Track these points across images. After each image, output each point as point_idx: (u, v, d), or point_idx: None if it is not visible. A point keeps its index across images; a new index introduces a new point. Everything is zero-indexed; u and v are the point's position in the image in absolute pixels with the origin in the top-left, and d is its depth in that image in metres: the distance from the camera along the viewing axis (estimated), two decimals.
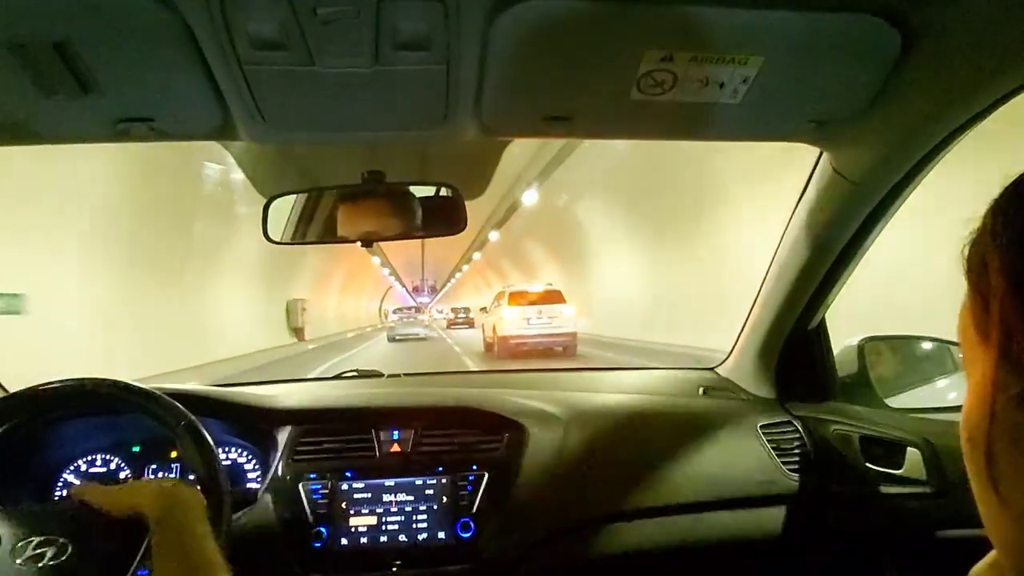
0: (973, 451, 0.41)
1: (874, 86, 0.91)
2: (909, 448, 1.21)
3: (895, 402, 1.44)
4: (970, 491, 0.42)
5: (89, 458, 1.34)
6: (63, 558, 0.81)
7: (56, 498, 1.30)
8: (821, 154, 1.18)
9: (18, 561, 0.80)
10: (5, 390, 1.36)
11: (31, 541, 0.82)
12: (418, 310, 28.65)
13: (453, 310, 40.28)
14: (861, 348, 1.49)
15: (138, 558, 0.82)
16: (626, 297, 17.34)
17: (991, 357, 0.39)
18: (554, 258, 23.52)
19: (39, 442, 1.27)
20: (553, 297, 14.90)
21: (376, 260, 31.72)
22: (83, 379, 1.03)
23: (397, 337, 22.92)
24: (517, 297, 14.98)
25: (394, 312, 27.43)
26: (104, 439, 1.34)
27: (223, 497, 0.96)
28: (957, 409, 0.43)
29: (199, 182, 12.09)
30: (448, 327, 35.14)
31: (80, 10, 0.71)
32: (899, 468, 1.22)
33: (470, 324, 30.11)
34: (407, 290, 63.05)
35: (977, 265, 0.41)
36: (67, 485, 1.31)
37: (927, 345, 1.57)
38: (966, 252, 0.42)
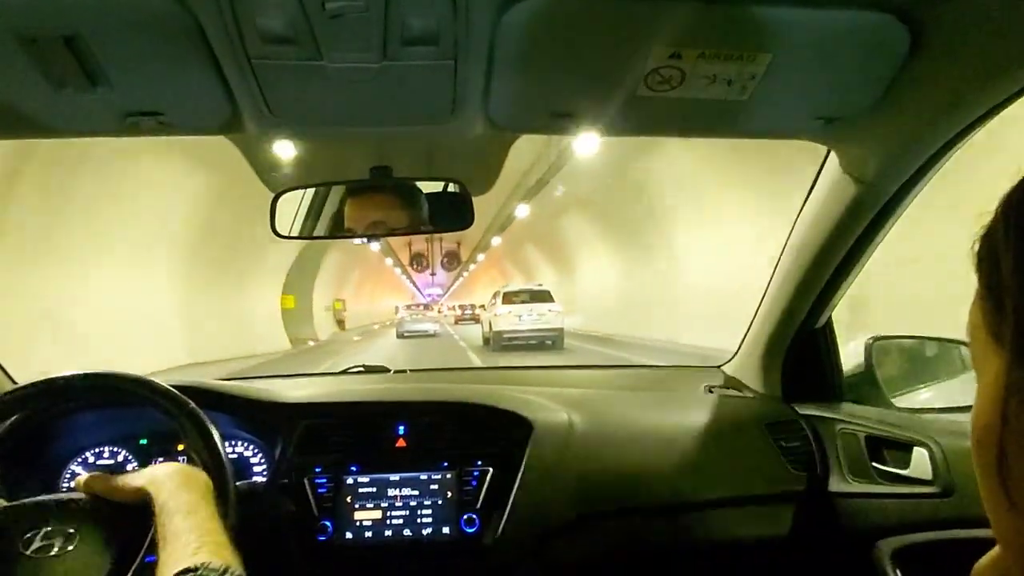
0: (983, 454, 0.40)
1: (883, 83, 0.90)
2: (916, 448, 1.20)
3: (902, 402, 1.44)
4: (977, 491, 0.42)
5: (96, 450, 1.35)
6: (71, 547, 0.82)
7: (64, 489, 1.31)
8: (829, 152, 1.18)
9: (27, 551, 0.81)
10: (14, 382, 1.37)
11: (39, 531, 0.82)
12: (427, 307, 28.79)
13: (460, 307, 41.97)
14: (868, 347, 1.48)
15: (145, 545, 0.82)
16: (602, 296, 20.65)
17: (1004, 358, 0.38)
18: (546, 262, 28.25)
19: (47, 434, 1.28)
20: (542, 296, 16.68)
21: (388, 261, 34.25)
22: (89, 372, 1.04)
23: (406, 333, 22.94)
24: (510, 296, 16.77)
25: (404, 308, 27.53)
26: (111, 431, 1.35)
27: (228, 486, 0.97)
28: (964, 409, 0.43)
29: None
30: (456, 323, 36.46)
31: (90, 4, 0.72)
32: (905, 468, 1.22)
33: (476, 319, 30.73)
34: (409, 279, 52.09)
35: (989, 262, 0.40)
36: (75, 476, 1.32)
37: (934, 345, 1.57)
38: (976, 247, 0.41)
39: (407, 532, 1.27)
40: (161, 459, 1.35)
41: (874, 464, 1.29)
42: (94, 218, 9.81)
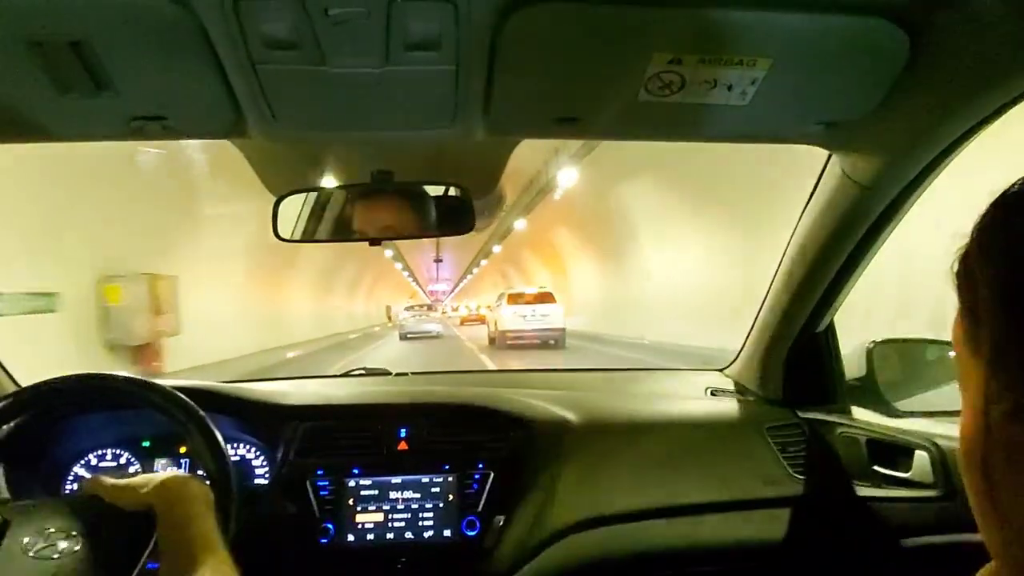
0: (969, 465, 0.41)
1: (883, 88, 0.91)
2: (917, 451, 1.20)
3: (903, 406, 1.43)
4: None
5: (100, 452, 1.35)
6: (74, 550, 0.82)
7: (67, 491, 1.31)
8: (830, 157, 1.18)
9: (30, 553, 0.81)
10: (17, 384, 1.37)
11: (43, 533, 0.83)
12: (430, 307, 28.21)
13: (467, 307, 41.67)
14: (870, 351, 1.48)
15: (148, 551, 0.83)
16: (587, 300, 23.41)
17: (982, 371, 0.40)
18: (542, 268, 30.16)
19: (51, 436, 1.29)
20: (545, 298, 17.45)
21: (398, 265, 31.69)
22: (94, 374, 1.04)
23: (409, 335, 22.88)
24: (515, 297, 17.60)
25: (406, 309, 27.10)
26: (114, 434, 1.36)
27: (232, 493, 0.97)
28: None
29: None
30: (461, 324, 36.69)
31: (96, 9, 0.72)
32: (907, 471, 1.22)
33: (482, 320, 30.84)
34: (411, 278, 47.10)
35: (966, 280, 0.42)
36: (78, 478, 1.32)
37: (936, 349, 1.56)
38: (955, 267, 0.42)
39: (409, 535, 1.27)
40: (164, 461, 1.36)
41: (875, 468, 1.29)
42: None
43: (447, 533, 1.27)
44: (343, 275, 28.77)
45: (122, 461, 1.36)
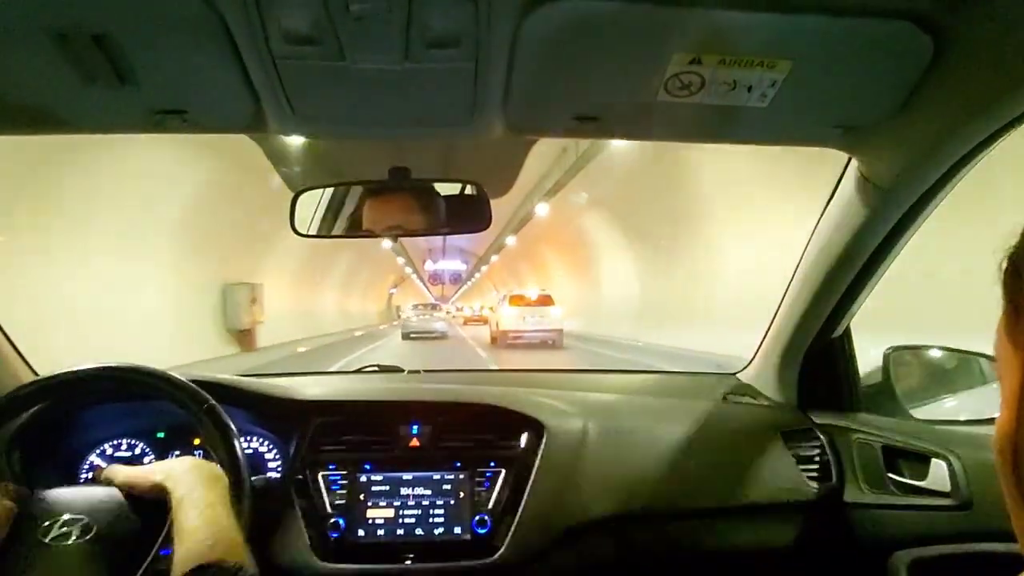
0: (1004, 464, 0.40)
1: (904, 92, 0.90)
2: (934, 460, 1.19)
3: (920, 413, 1.42)
4: (996, 504, 0.41)
5: (115, 442, 1.36)
6: (88, 537, 0.83)
7: (83, 479, 1.33)
8: (849, 160, 1.17)
9: (46, 539, 0.82)
10: (35, 374, 1.39)
11: (58, 520, 0.84)
12: (435, 307, 28.01)
13: (470, 308, 43.69)
14: (887, 358, 1.47)
15: (161, 538, 0.83)
16: (569, 304, 24.74)
17: (1020, 362, 0.39)
18: (533, 275, 34.12)
19: (67, 426, 1.30)
20: (544, 300, 18.56)
21: (400, 260, 32.58)
22: (109, 365, 1.05)
23: (412, 335, 22.72)
24: (516, 299, 18.79)
25: (411, 308, 27.02)
26: (130, 424, 1.37)
27: (243, 480, 0.98)
28: (984, 422, 0.43)
29: None
30: (465, 324, 38.00)
31: (120, 3, 0.73)
32: (922, 479, 1.21)
33: (484, 321, 31.21)
34: (418, 276, 42.35)
35: (1012, 277, 0.41)
36: (93, 467, 1.34)
37: (954, 356, 1.55)
38: (1003, 265, 0.42)
39: (419, 531, 1.27)
40: (178, 452, 1.37)
41: (890, 475, 1.28)
42: None
43: (457, 531, 1.27)
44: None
45: (137, 452, 1.37)
